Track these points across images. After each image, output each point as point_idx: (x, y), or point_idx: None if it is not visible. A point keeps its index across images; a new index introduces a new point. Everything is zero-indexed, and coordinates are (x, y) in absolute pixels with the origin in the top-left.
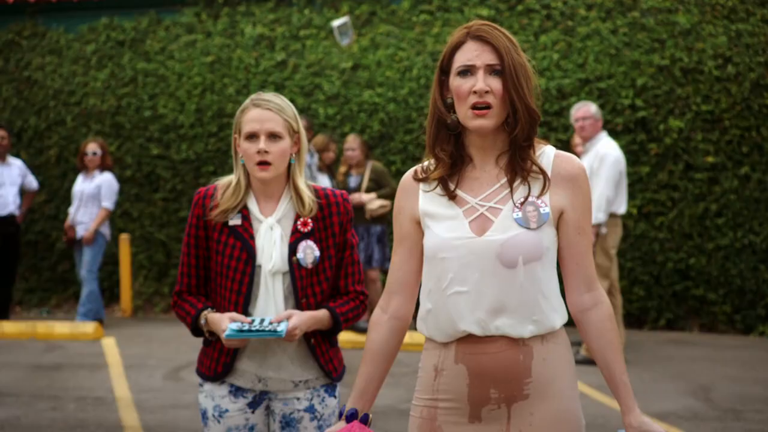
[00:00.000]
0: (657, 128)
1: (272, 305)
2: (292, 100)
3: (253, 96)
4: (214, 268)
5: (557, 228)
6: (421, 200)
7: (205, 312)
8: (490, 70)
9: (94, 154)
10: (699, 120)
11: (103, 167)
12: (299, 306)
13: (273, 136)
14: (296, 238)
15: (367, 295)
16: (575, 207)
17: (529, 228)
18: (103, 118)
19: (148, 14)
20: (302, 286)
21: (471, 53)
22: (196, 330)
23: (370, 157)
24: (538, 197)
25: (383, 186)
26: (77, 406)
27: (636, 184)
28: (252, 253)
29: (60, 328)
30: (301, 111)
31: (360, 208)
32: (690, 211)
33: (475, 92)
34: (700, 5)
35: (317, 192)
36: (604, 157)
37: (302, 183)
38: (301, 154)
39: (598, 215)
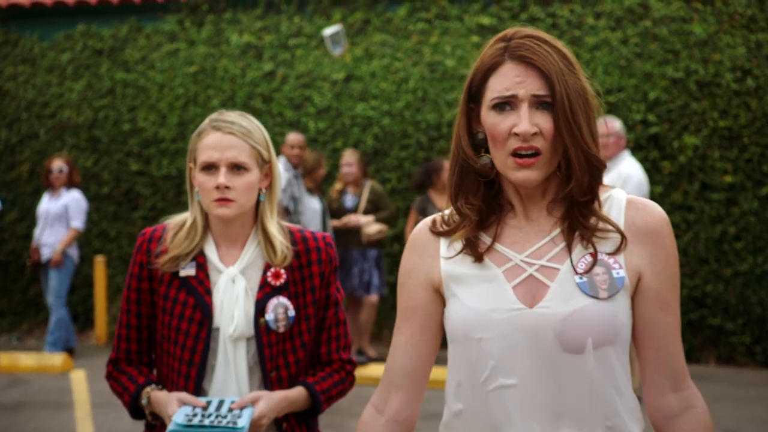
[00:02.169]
0: (671, 145)
1: (233, 380)
2: (280, 114)
3: (212, 116)
4: (160, 331)
5: (632, 299)
6: (443, 261)
7: (148, 389)
8: (537, 102)
9: (60, 171)
10: (716, 136)
11: (70, 185)
12: (267, 381)
13: (236, 168)
14: (265, 293)
15: (355, 365)
16: (657, 272)
17: (598, 297)
18: (78, 131)
19: (127, 21)
20: (272, 355)
21: (510, 80)
22: (136, 410)
23: (369, 175)
24: (609, 255)
25: (381, 209)
26: None
27: None
28: (208, 313)
29: (26, 360)
30: (290, 125)
31: (356, 230)
32: (706, 234)
33: (516, 134)
34: (717, 14)
35: (293, 236)
36: (628, 178)
37: (273, 226)
38: (273, 189)
39: None
